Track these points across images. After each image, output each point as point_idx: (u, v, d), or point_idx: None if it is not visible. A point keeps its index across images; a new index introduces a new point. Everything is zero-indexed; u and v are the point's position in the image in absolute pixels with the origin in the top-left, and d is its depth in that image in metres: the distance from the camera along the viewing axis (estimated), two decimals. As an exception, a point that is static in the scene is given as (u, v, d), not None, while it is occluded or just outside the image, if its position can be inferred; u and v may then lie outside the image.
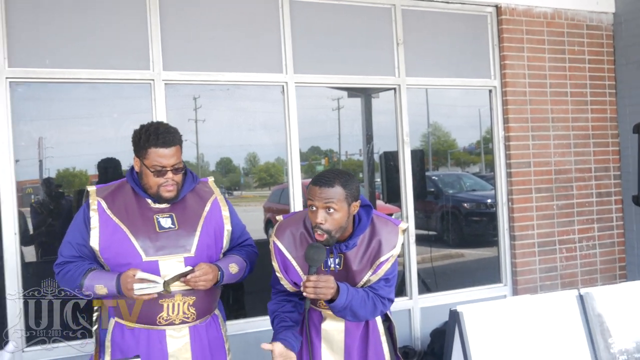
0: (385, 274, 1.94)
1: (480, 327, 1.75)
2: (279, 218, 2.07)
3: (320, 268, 1.92)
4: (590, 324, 1.87)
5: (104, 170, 3.36)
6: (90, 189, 2.03)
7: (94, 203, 1.97)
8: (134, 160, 2.00)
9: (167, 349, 1.96)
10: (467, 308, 1.76)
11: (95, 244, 1.93)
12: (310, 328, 2.03)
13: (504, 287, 4.26)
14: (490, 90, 4.26)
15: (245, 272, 2.12)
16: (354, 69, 3.85)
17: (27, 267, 3.08)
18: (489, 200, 4.64)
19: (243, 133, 3.87)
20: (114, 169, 3.36)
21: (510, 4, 4.20)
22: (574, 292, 1.92)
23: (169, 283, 1.86)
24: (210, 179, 2.21)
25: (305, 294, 1.81)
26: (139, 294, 1.83)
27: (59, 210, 3.43)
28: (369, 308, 1.91)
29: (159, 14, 3.32)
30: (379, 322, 2.07)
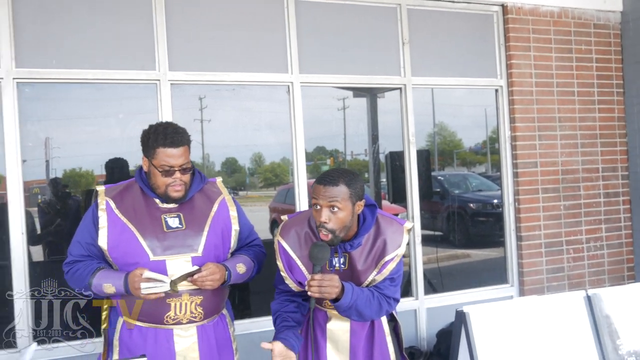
0: (391, 274, 1.93)
1: (487, 328, 1.74)
2: (284, 218, 2.07)
3: (325, 267, 1.91)
4: (598, 326, 1.85)
5: (111, 170, 3.38)
6: (99, 189, 2.04)
7: (103, 203, 1.99)
8: (143, 160, 2.01)
9: (174, 348, 1.96)
10: (473, 309, 1.75)
11: (104, 244, 1.94)
12: (316, 328, 2.03)
13: (511, 287, 4.24)
14: (497, 90, 4.24)
15: (253, 272, 2.12)
16: (360, 69, 3.84)
17: (34, 266, 3.10)
18: (495, 201, 4.61)
19: (248, 133, 3.87)
20: (120, 169, 3.37)
21: (517, 3, 4.18)
22: (582, 293, 1.90)
23: (176, 282, 1.86)
24: (219, 180, 2.21)
25: (310, 293, 1.80)
26: (146, 293, 1.83)
27: (66, 210, 3.45)
28: (375, 307, 1.90)
29: (165, 15, 3.33)
30: (385, 322, 2.06)
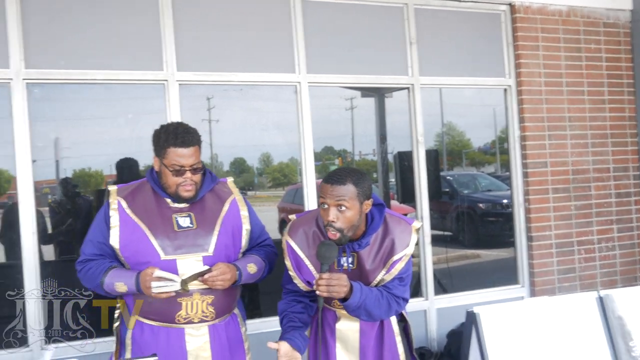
0: (399, 273, 1.92)
1: (498, 328, 1.72)
2: (292, 217, 2.07)
3: (334, 267, 1.91)
4: (611, 327, 1.83)
5: (121, 170, 3.40)
6: (111, 189, 2.06)
7: (114, 202, 2.00)
8: (154, 160, 2.02)
9: (186, 347, 1.97)
10: (484, 309, 1.74)
11: (115, 243, 1.95)
12: (325, 328, 2.02)
13: (522, 288, 4.20)
14: (505, 90, 4.21)
15: (264, 272, 2.12)
16: (367, 69, 3.83)
17: (45, 266, 3.12)
18: (505, 201, 4.58)
19: (256, 133, 3.88)
20: (130, 169, 3.39)
21: (525, 2, 4.15)
22: (594, 294, 1.88)
23: (187, 282, 1.87)
24: (230, 180, 2.22)
25: (318, 293, 1.80)
26: (157, 292, 1.84)
27: (76, 210, 3.47)
28: (384, 307, 1.89)
29: (173, 15, 3.34)
30: (394, 322, 2.05)
